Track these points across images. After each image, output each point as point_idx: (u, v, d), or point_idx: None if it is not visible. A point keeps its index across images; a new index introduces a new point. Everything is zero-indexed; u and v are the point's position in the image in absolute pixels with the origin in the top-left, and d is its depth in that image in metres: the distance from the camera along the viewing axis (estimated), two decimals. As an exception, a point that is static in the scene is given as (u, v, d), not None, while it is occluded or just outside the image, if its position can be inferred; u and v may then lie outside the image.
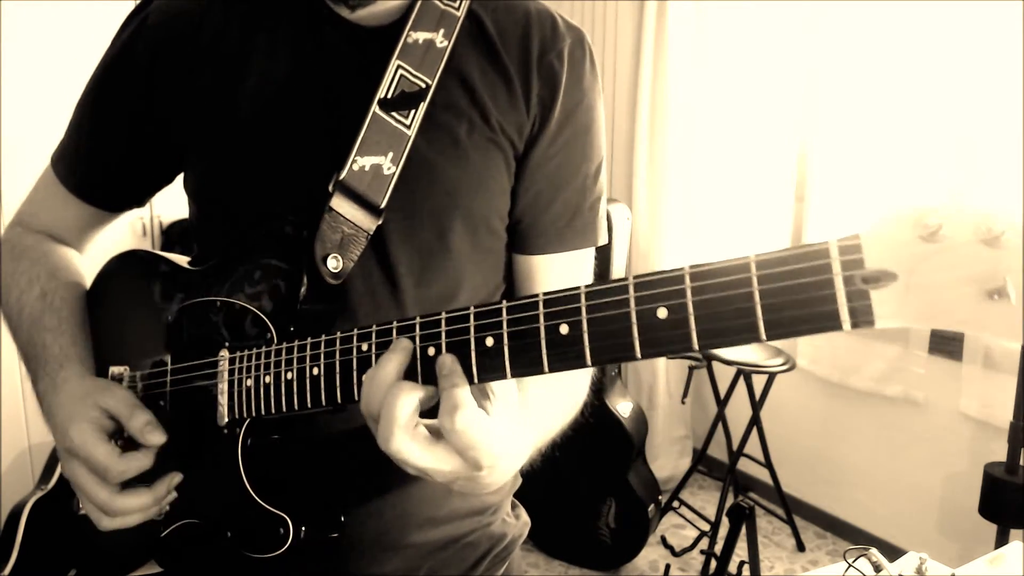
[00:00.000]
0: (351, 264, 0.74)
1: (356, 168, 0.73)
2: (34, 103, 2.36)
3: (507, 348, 0.52)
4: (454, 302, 0.80)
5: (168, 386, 0.80)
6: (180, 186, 0.87)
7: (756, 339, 0.42)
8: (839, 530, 3.01)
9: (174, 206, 2.74)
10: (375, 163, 0.74)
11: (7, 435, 2.49)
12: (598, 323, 0.48)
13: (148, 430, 0.73)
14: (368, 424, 0.59)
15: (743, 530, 2.08)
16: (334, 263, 0.73)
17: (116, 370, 0.84)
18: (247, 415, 0.72)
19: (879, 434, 2.83)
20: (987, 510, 2.22)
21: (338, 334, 0.63)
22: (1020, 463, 2.18)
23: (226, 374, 0.74)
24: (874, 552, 1.21)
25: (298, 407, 0.66)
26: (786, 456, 3.03)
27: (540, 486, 1.00)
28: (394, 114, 0.74)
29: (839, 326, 0.39)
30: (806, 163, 3.00)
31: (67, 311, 0.85)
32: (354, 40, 0.77)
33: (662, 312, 0.45)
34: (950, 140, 2.38)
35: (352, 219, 0.73)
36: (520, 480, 0.95)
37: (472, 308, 0.55)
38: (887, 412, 2.78)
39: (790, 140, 3.06)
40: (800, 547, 2.95)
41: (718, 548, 2.54)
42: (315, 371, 0.64)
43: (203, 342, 0.77)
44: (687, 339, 0.44)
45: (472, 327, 0.54)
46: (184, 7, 0.81)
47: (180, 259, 0.86)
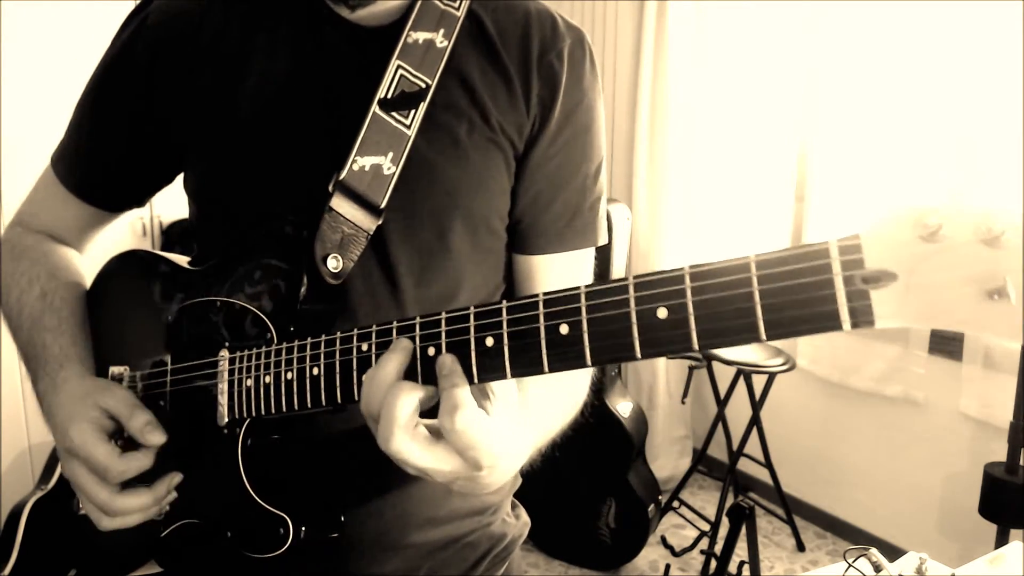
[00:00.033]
0: (351, 264, 0.74)
1: (356, 168, 0.73)
2: (34, 103, 2.36)
3: (507, 348, 0.52)
4: (454, 302, 0.80)
5: (168, 386, 0.80)
6: (180, 186, 0.87)
7: (756, 339, 0.42)
8: (839, 530, 3.01)
9: (174, 206, 2.74)
10: (375, 163, 0.74)
11: (7, 435, 2.49)
12: (598, 323, 0.48)
13: (148, 430, 0.73)
14: (368, 424, 0.59)
15: (743, 530, 2.08)
16: (334, 263, 0.73)
17: (116, 370, 0.84)
18: (247, 415, 0.72)
19: (879, 434, 2.83)
20: (987, 510, 2.22)
21: (338, 334, 0.63)
22: (1020, 463, 2.18)
23: (226, 374, 0.74)
24: (874, 552, 1.21)
25: (298, 407, 0.66)
26: (786, 456, 3.03)
27: (540, 486, 1.00)
28: (394, 114, 0.74)
29: (839, 326, 0.39)
30: (806, 163, 3.00)
31: (67, 311, 0.85)
32: (354, 40, 0.77)
33: (662, 312, 0.45)
34: (950, 140, 2.37)
35: (352, 219, 0.73)
36: (520, 480, 0.95)
37: (472, 308, 0.55)
38: (887, 412, 2.78)
39: (790, 140, 3.06)
40: (800, 547, 2.95)
41: (718, 548, 2.54)
42: (315, 371, 0.64)
43: (203, 342, 0.77)
44: (687, 339, 0.44)
45: (472, 327, 0.54)
46: (184, 7, 0.81)
47: (180, 259, 0.86)
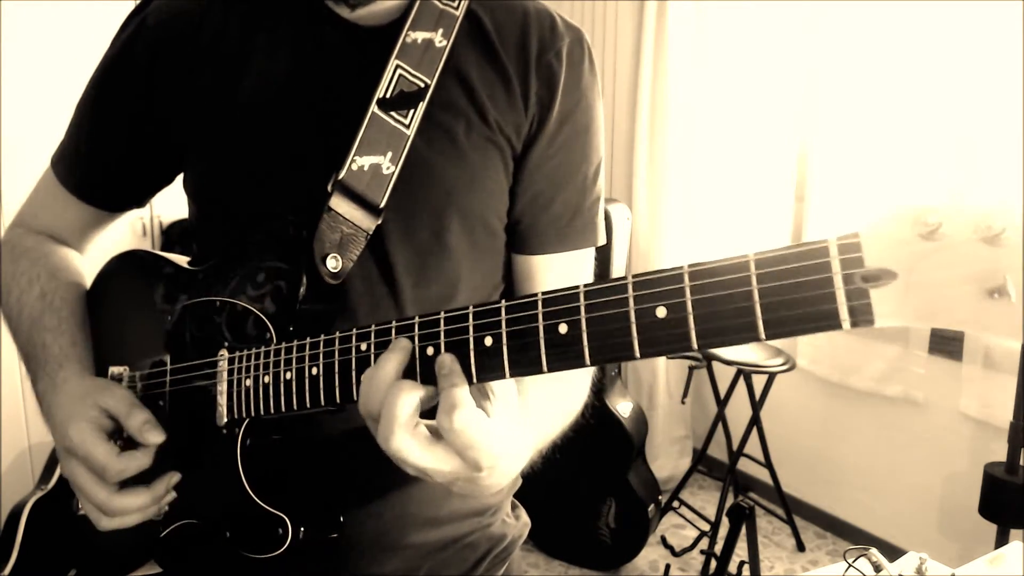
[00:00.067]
0: (350, 264, 0.74)
1: (355, 168, 0.73)
2: (34, 103, 2.36)
3: (506, 348, 0.52)
4: (453, 302, 0.80)
5: (167, 386, 0.80)
6: (180, 186, 0.87)
7: (755, 338, 0.42)
8: (839, 530, 3.01)
9: (174, 206, 2.74)
10: (374, 163, 0.74)
11: (7, 435, 2.49)
12: (597, 323, 0.48)
13: (147, 429, 0.73)
14: (367, 424, 0.58)
15: (743, 530, 2.08)
16: (333, 263, 0.73)
17: (116, 370, 0.84)
18: (246, 415, 0.72)
19: (879, 434, 2.83)
20: (987, 510, 2.22)
21: (337, 334, 0.63)
22: (1020, 463, 2.18)
23: (225, 374, 0.73)
24: (874, 552, 1.21)
25: (297, 407, 0.66)
26: (786, 456, 3.03)
27: (540, 486, 1.00)
28: (393, 114, 0.74)
29: (839, 325, 0.39)
30: (806, 163, 3.00)
31: (67, 311, 0.85)
32: (353, 40, 0.77)
33: (661, 311, 0.45)
34: (950, 140, 2.37)
35: (351, 219, 0.73)
36: (520, 481, 0.95)
37: (471, 308, 0.55)
38: (887, 412, 2.78)
39: (790, 140, 3.06)
40: (800, 547, 2.95)
41: (718, 548, 2.54)
42: (314, 371, 0.64)
43: (202, 342, 0.77)
44: (686, 339, 0.44)
45: (471, 327, 0.54)
46: (183, 7, 0.81)
47: (180, 259, 0.86)
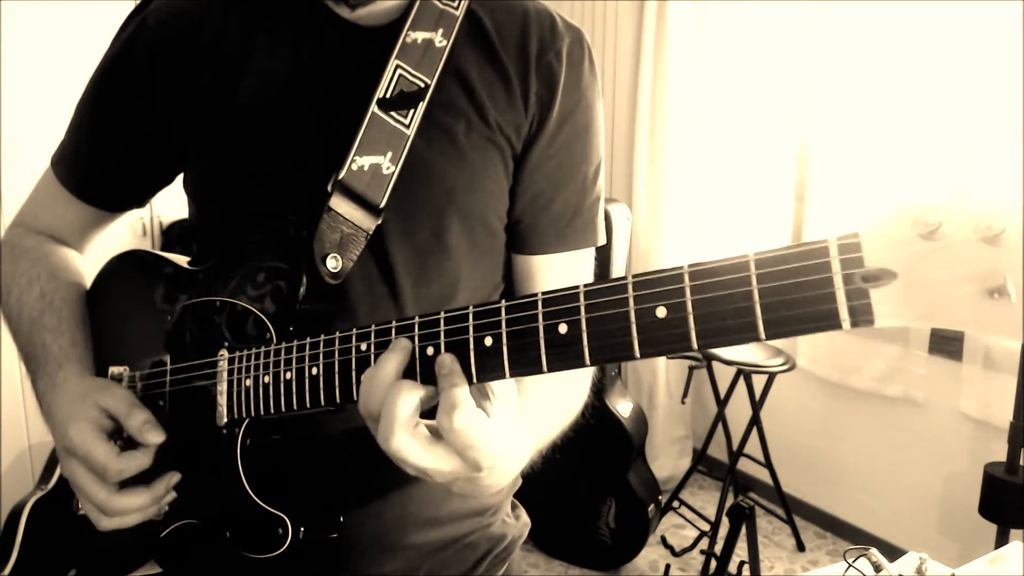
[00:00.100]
0: (350, 264, 0.74)
1: (355, 168, 0.73)
2: (34, 103, 2.36)
3: (506, 347, 0.52)
4: (453, 302, 0.80)
5: (167, 386, 0.80)
6: (180, 186, 0.87)
7: (755, 338, 0.42)
8: (839, 530, 3.01)
9: (174, 206, 2.74)
10: (374, 163, 0.74)
11: (7, 435, 2.49)
12: (597, 322, 0.48)
13: (146, 429, 0.73)
14: (367, 424, 0.58)
15: (743, 530, 2.08)
16: (333, 263, 0.73)
17: (116, 370, 0.84)
18: (246, 415, 0.72)
19: (879, 434, 2.83)
20: (987, 510, 2.22)
21: (337, 334, 0.63)
22: (1020, 463, 2.18)
23: (225, 374, 0.73)
24: (874, 552, 1.21)
25: (297, 407, 0.66)
26: (786, 456, 3.02)
27: (540, 486, 0.99)
28: (393, 114, 0.74)
29: (839, 325, 0.39)
30: (806, 163, 3.00)
31: (67, 311, 0.85)
32: (353, 40, 0.77)
33: (661, 311, 0.45)
34: (950, 140, 2.37)
35: (351, 219, 0.73)
36: (520, 481, 0.95)
37: (471, 307, 0.55)
38: (887, 412, 2.78)
39: (790, 140, 3.06)
40: (800, 547, 2.95)
41: (718, 548, 2.54)
42: (314, 371, 0.64)
43: (202, 342, 0.77)
44: (686, 338, 0.44)
45: (471, 326, 0.54)
46: (183, 7, 0.81)
47: (180, 259, 0.86)
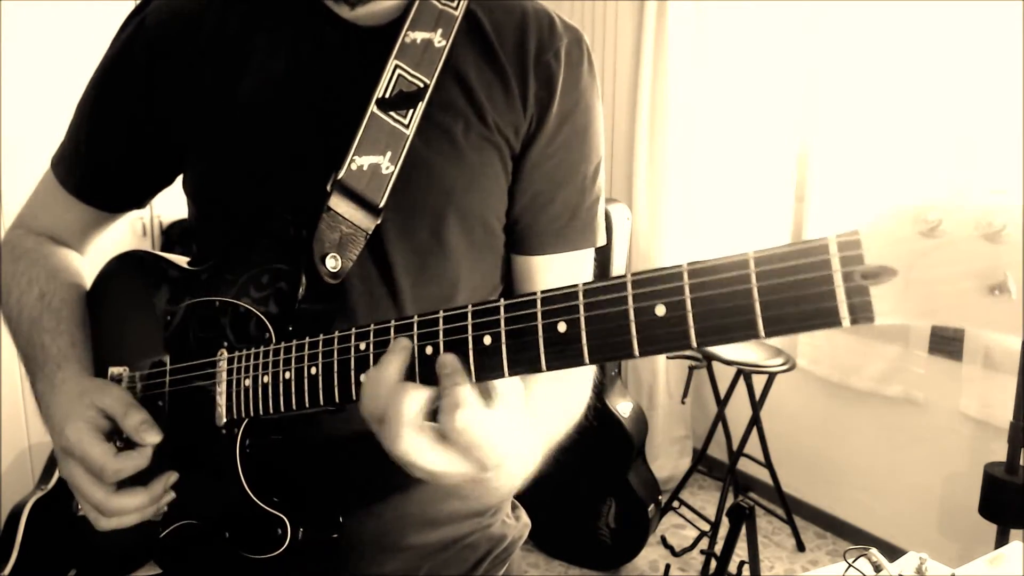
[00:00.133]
0: (350, 264, 0.74)
1: (354, 168, 0.73)
2: (34, 103, 2.36)
3: (505, 346, 0.52)
4: (452, 302, 0.79)
5: (167, 386, 0.80)
6: (180, 186, 0.87)
7: (755, 336, 0.42)
8: (839, 530, 3.01)
9: (174, 206, 2.74)
10: (373, 162, 0.74)
11: (7, 435, 2.49)
12: (596, 321, 0.48)
13: (143, 429, 0.73)
14: (371, 426, 0.58)
15: (743, 530, 2.08)
16: (332, 263, 0.73)
17: (115, 371, 0.84)
18: (245, 415, 0.72)
19: (879, 434, 2.83)
20: (987, 510, 2.22)
21: (336, 333, 0.63)
22: (1020, 463, 2.18)
23: (224, 374, 0.73)
24: (874, 552, 1.21)
25: (296, 407, 0.66)
26: (786, 456, 3.02)
27: (540, 486, 0.99)
28: (392, 114, 0.74)
29: (838, 322, 0.39)
30: (806, 163, 3.00)
31: (66, 312, 0.85)
32: (353, 40, 0.77)
33: (660, 309, 0.45)
34: (950, 140, 2.37)
35: (350, 219, 0.73)
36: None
37: (470, 307, 0.54)
38: (887, 412, 2.78)
39: (790, 140, 3.05)
40: (800, 547, 2.94)
41: (718, 548, 2.53)
42: (313, 371, 0.64)
43: (202, 342, 0.77)
44: (685, 337, 0.44)
45: (470, 325, 0.54)
46: (183, 7, 0.81)
47: (180, 259, 0.86)
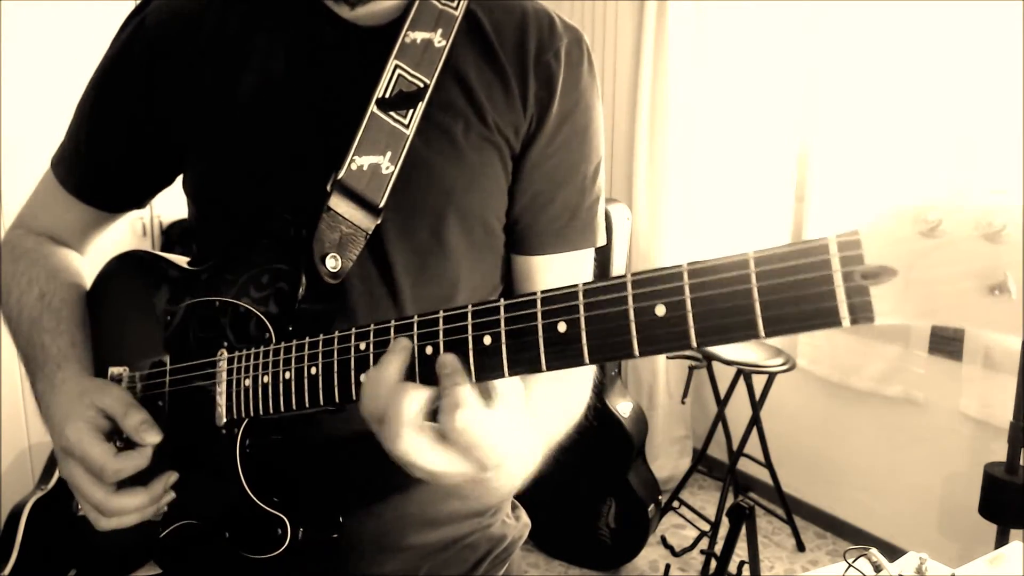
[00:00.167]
0: (350, 264, 0.74)
1: (354, 168, 0.73)
2: (34, 103, 2.36)
3: (505, 346, 0.52)
4: (452, 302, 0.79)
5: (167, 386, 0.80)
6: (180, 186, 0.87)
7: (755, 336, 0.42)
8: (839, 530, 3.01)
9: (174, 206, 2.74)
10: (373, 162, 0.74)
11: (7, 435, 2.49)
12: (596, 321, 0.48)
13: (143, 429, 0.73)
14: (371, 426, 0.58)
15: (743, 530, 2.08)
16: (332, 263, 0.73)
17: (115, 371, 0.84)
18: (245, 415, 0.72)
19: (879, 434, 2.83)
20: (987, 510, 2.22)
21: (336, 333, 0.63)
22: (1020, 463, 2.18)
23: (224, 374, 0.73)
24: (874, 552, 1.21)
25: (296, 407, 0.66)
26: (786, 456, 3.02)
27: (540, 486, 0.99)
28: (392, 114, 0.74)
29: (838, 322, 0.39)
30: (806, 163, 3.00)
31: (66, 312, 0.85)
32: (353, 40, 0.77)
33: (660, 309, 0.45)
34: (950, 140, 2.37)
35: (350, 218, 0.73)
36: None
37: (470, 307, 0.54)
38: (887, 412, 2.78)
39: (790, 140, 3.05)
40: (800, 547, 2.94)
41: (718, 548, 2.53)
42: (313, 370, 0.64)
43: (202, 342, 0.77)
44: (685, 337, 0.44)
45: (470, 325, 0.54)
46: (183, 7, 0.81)
47: (180, 259, 0.86)
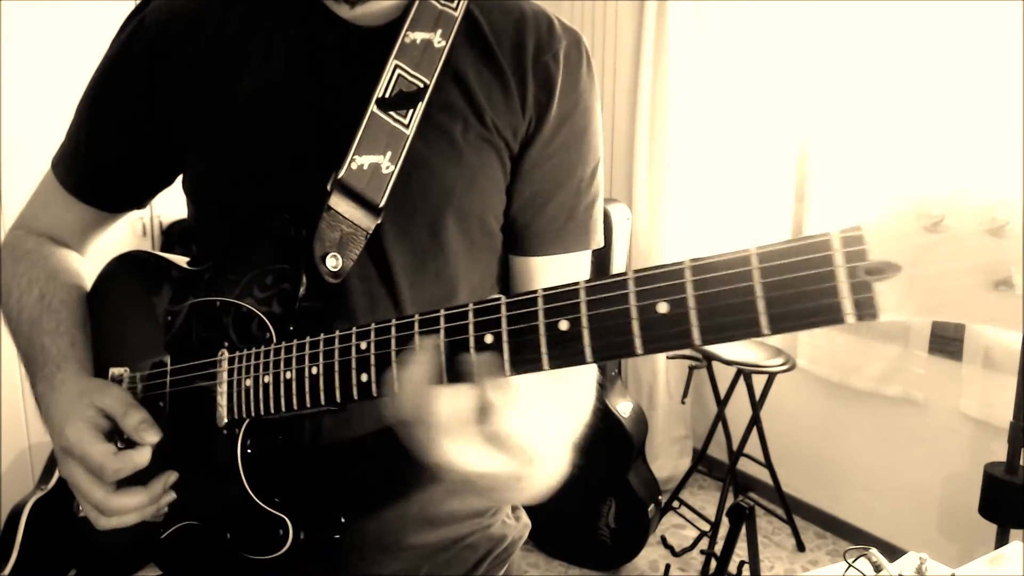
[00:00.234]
0: (350, 263, 0.74)
1: (354, 167, 0.73)
2: (34, 103, 2.36)
3: (506, 345, 0.52)
4: (451, 302, 0.79)
5: (168, 387, 0.80)
6: (180, 186, 0.87)
7: (758, 333, 0.41)
8: (839, 530, 3.01)
9: (174, 206, 2.74)
10: (374, 162, 0.74)
11: (7, 435, 2.48)
12: (598, 319, 0.47)
13: (143, 428, 0.73)
14: (402, 430, 0.56)
15: (743, 530, 2.08)
16: (333, 262, 0.72)
17: (116, 371, 0.83)
18: (246, 415, 0.71)
19: (879, 434, 2.83)
20: (987, 510, 2.22)
21: (337, 333, 0.63)
22: (1020, 463, 2.18)
23: (225, 374, 0.73)
24: (874, 552, 1.21)
25: (297, 407, 0.66)
26: (786, 456, 3.02)
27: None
28: (392, 113, 0.74)
29: (842, 319, 0.39)
30: (806, 163, 3.00)
31: (65, 313, 0.85)
32: (352, 40, 0.77)
33: (663, 307, 0.44)
34: (950, 140, 2.37)
35: (351, 218, 0.73)
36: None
37: (471, 305, 0.54)
38: (887, 412, 2.78)
39: (790, 140, 3.05)
40: (800, 547, 2.94)
41: (718, 548, 2.53)
42: (314, 370, 0.64)
43: (202, 342, 0.77)
44: (688, 334, 0.43)
45: (471, 324, 0.54)
46: (182, 7, 0.80)
47: (180, 259, 0.86)
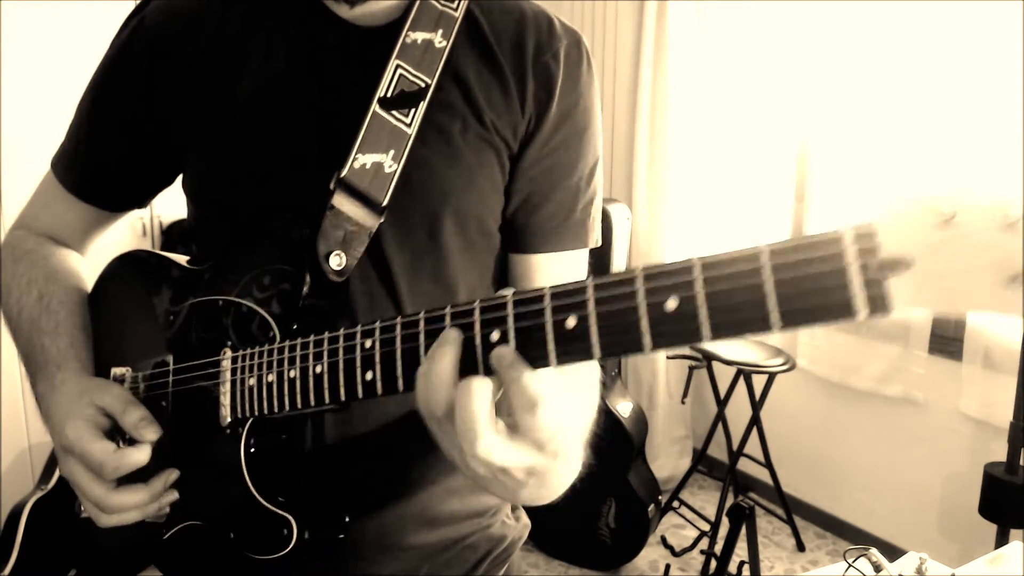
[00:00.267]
0: (354, 262, 0.74)
1: (357, 166, 0.73)
2: (34, 103, 2.36)
3: (513, 342, 0.51)
4: (449, 302, 0.79)
5: (170, 386, 0.79)
6: (180, 186, 0.87)
7: (769, 329, 0.41)
8: (839, 530, 3.01)
9: (174, 206, 2.74)
10: (376, 161, 0.74)
11: (7, 435, 2.48)
12: (606, 316, 0.47)
13: (142, 426, 0.73)
14: (429, 425, 0.55)
15: (743, 530, 2.08)
16: (337, 260, 0.72)
17: (118, 371, 0.83)
18: (250, 415, 0.71)
19: (879, 434, 2.83)
20: (987, 510, 2.22)
21: (341, 331, 0.63)
22: (1020, 463, 2.18)
23: (228, 373, 0.73)
24: (874, 552, 1.21)
25: (301, 406, 0.66)
26: (786, 456, 3.03)
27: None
28: (394, 113, 0.74)
29: (855, 315, 0.38)
30: (806, 163, 3.00)
31: (64, 313, 0.85)
32: (353, 40, 0.77)
33: (672, 303, 0.44)
34: (950, 140, 2.37)
35: (354, 216, 0.73)
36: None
37: (478, 302, 0.54)
38: (887, 412, 2.78)
39: (790, 140, 3.06)
40: (800, 547, 2.94)
41: (718, 548, 2.53)
42: (318, 369, 0.64)
43: (205, 342, 0.77)
44: (698, 331, 0.43)
45: (477, 321, 0.53)
46: (182, 7, 0.80)
47: (180, 259, 0.86)
